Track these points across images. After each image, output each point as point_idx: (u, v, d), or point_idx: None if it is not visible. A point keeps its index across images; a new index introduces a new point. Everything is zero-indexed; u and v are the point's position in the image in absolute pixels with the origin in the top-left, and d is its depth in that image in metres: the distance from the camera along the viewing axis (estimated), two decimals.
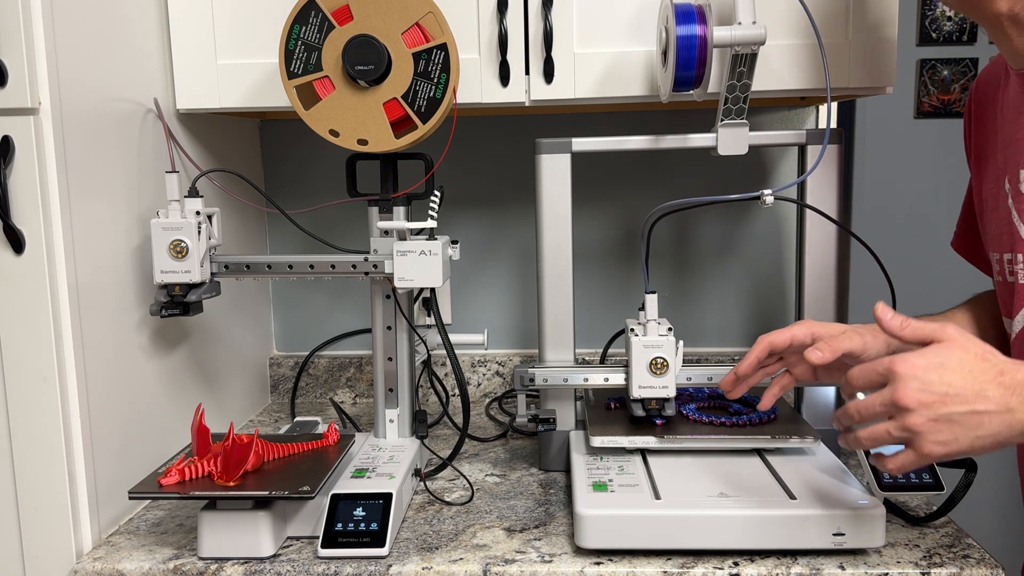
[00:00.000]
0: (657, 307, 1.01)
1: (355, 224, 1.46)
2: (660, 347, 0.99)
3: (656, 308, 1.01)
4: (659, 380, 0.99)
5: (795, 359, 0.92)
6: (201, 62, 1.10)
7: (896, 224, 2.37)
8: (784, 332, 0.88)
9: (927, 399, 0.68)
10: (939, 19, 2.06)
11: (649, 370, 0.99)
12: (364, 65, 0.94)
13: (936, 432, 0.68)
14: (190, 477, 0.90)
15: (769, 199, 0.99)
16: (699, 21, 0.92)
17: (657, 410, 1.01)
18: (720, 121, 1.00)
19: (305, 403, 1.48)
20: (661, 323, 1.01)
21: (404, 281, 1.02)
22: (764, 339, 0.88)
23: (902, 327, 0.73)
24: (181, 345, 1.15)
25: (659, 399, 1.00)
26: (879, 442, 0.72)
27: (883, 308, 0.75)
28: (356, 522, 0.90)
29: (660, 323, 1.01)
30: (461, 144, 1.44)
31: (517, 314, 1.49)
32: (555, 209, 1.06)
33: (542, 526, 0.95)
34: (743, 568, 0.84)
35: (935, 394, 0.68)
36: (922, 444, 0.69)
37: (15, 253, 0.87)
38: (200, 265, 1.01)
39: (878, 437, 0.72)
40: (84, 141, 0.93)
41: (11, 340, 0.89)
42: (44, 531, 0.91)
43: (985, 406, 0.67)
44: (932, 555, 0.87)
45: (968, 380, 0.68)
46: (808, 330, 0.87)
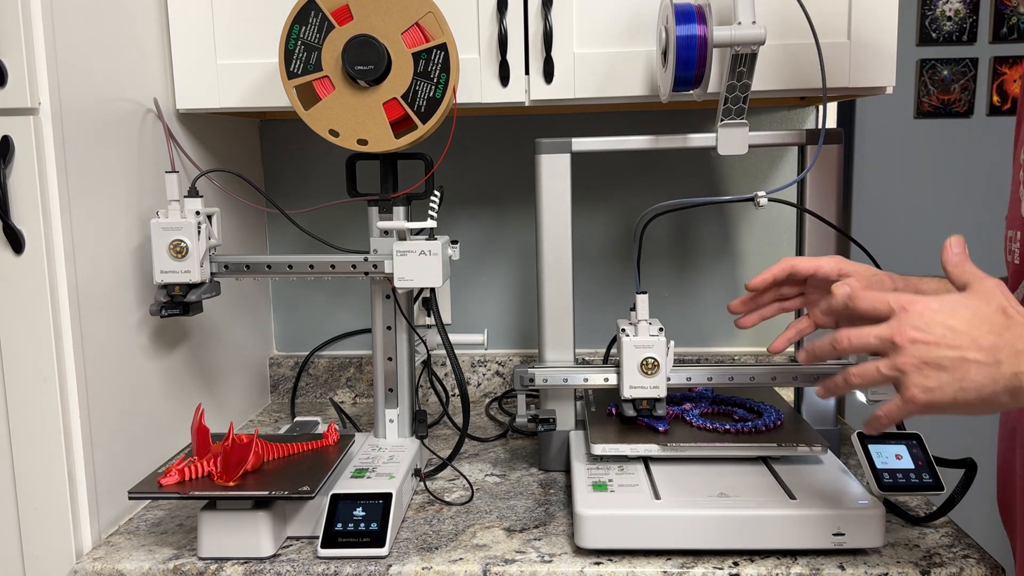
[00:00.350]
0: (648, 307, 1.01)
1: (355, 224, 1.46)
2: (651, 347, 0.99)
3: (647, 308, 1.01)
4: (650, 380, 0.99)
5: (816, 296, 0.85)
6: (201, 62, 1.10)
7: (896, 224, 2.36)
8: (810, 260, 0.82)
9: (921, 338, 0.65)
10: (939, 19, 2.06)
11: (640, 370, 0.99)
12: (364, 65, 0.94)
13: (922, 376, 0.65)
14: (190, 477, 0.90)
15: (763, 200, 0.99)
16: (699, 21, 0.92)
17: (648, 410, 1.01)
18: (720, 121, 1.00)
19: (305, 403, 1.48)
20: (652, 323, 1.01)
21: (404, 281, 1.02)
22: (786, 260, 0.82)
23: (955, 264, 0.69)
24: (181, 345, 1.15)
25: (650, 399, 1.00)
26: (867, 380, 0.68)
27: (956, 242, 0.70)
28: (356, 522, 0.90)
29: (651, 323, 1.01)
30: (461, 144, 1.44)
31: (517, 314, 1.49)
32: (555, 209, 1.06)
33: (542, 526, 0.95)
34: (743, 568, 0.84)
35: (931, 335, 0.64)
36: (907, 386, 0.66)
37: (15, 253, 0.87)
38: (200, 265, 1.01)
39: (867, 374, 0.68)
40: (84, 141, 0.93)
41: (11, 340, 0.89)
42: (44, 531, 0.91)
43: (975, 355, 0.63)
44: (932, 555, 0.87)
45: (969, 327, 0.64)
46: (836, 265, 0.81)
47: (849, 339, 0.68)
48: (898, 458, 0.93)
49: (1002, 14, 2.03)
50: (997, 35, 2.05)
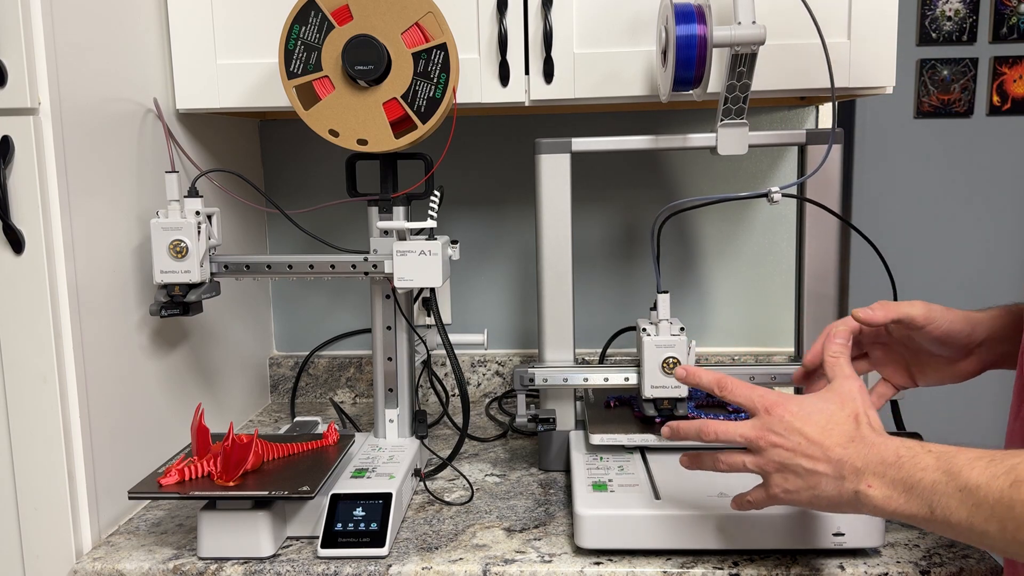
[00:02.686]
0: (669, 307, 1.01)
1: (355, 224, 1.46)
2: (672, 347, 0.99)
3: (668, 307, 1.01)
4: (671, 380, 0.99)
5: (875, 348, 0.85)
6: (201, 62, 1.10)
7: (896, 224, 2.36)
8: None
9: (780, 443, 0.69)
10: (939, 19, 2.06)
11: (661, 370, 0.99)
12: (364, 65, 0.94)
13: (782, 478, 0.70)
14: (190, 477, 0.90)
15: (777, 196, 0.99)
16: (699, 21, 0.92)
17: (669, 410, 1.01)
18: (720, 121, 1.00)
19: (305, 403, 1.48)
20: (673, 323, 1.01)
21: (404, 281, 1.02)
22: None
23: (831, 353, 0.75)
24: (181, 345, 1.15)
25: (671, 399, 1.00)
26: (734, 468, 0.73)
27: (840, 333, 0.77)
28: (356, 522, 0.90)
29: (672, 323, 1.01)
30: (461, 144, 1.44)
31: (517, 314, 1.49)
32: (555, 209, 1.06)
33: (542, 526, 0.95)
34: (743, 568, 0.84)
35: (788, 442, 0.69)
36: (769, 484, 0.71)
37: (15, 253, 0.87)
38: (200, 265, 1.01)
39: (734, 464, 0.73)
40: (84, 141, 0.93)
41: (11, 340, 0.89)
42: (44, 531, 0.91)
43: (824, 467, 0.68)
44: (932, 555, 0.87)
45: (822, 436, 0.68)
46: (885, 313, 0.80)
47: (716, 433, 0.73)
48: None
49: (1002, 14, 2.03)
50: (997, 35, 2.05)
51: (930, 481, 0.62)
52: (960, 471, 0.60)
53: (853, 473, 0.66)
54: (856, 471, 0.66)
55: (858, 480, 0.66)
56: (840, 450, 0.67)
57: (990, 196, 2.34)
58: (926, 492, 0.62)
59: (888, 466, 0.64)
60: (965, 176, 2.31)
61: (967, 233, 2.01)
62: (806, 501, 0.69)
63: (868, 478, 0.65)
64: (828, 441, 0.68)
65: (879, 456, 0.65)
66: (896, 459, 0.64)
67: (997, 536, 0.58)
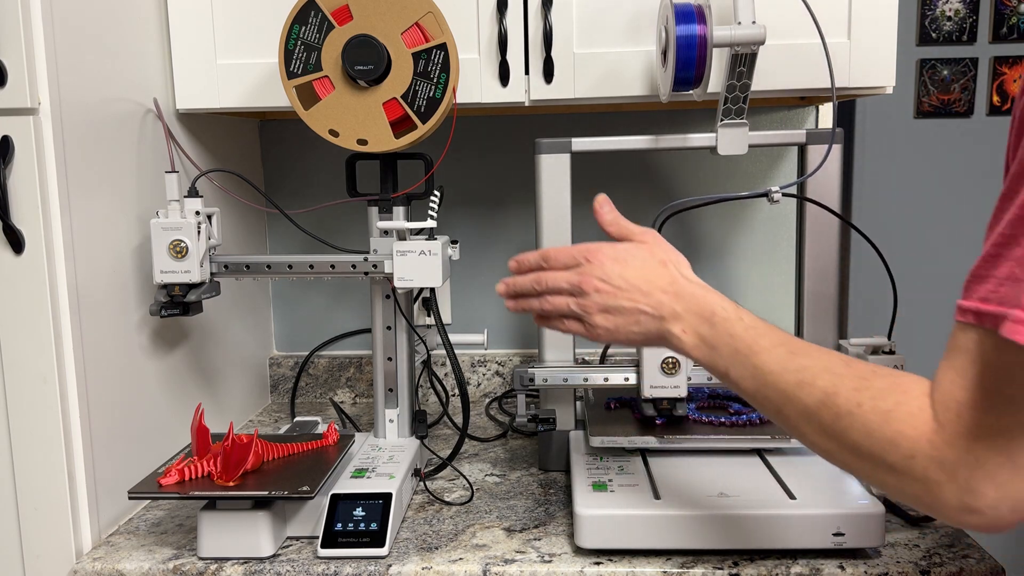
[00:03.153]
0: None
1: (355, 224, 1.46)
2: None
3: None
4: (671, 380, 0.99)
5: None
6: (200, 62, 1.10)
7: (896, 223, 2.36)
8: None
9: (602, 288, 0.74)
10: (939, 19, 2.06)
11: (661, 370, 0.99)
12: (364, 65, 0.94)
13: (603, 318, 0.74)
14: (190, 477, 0.90)
15: (777, 196, 0.99)
16: (699, 21, 0.92)
17: (668, 410, 1.01)
18: (720, 121, 1.00)
19: (305, 403, 1.48)
20: None
21: (404, 281, 1.02)
22: None
23: (610, 223, 0.79)
24: (181, 345, 1.15)
25: (670, 399, 1.00)
26: (557, 309, 0.77)
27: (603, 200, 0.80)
28: (356, 522, 0.90)
29: None
30: (461, 144, 1.44)
31: (517, 314, 1.49)
32: (555, 209, 1.06)
33: (542, 526, 0.95)
34: (743, 568, 0.84)
35: (611, 286, 0.74)
36: (591, 325, 0.75)
37: (15, 253, 0.87)
38: (200, 265, 1.01)
39: (558, 305, 0.77)
40: (84, 141, 0.93)
41: (11, 340, 0.89)
42: (44, 531, 0.91)
43: (645, 306, 0.73)
44: (932, 555, 0.87)
45: (641, 280, 0.74)
46: None
47: (546, 281, 0.77)
48: None
49: (1002, 14, 2.03)
50: (997, 35, 2.05)
51: (732, 349, 0.69)
52: (760, 352, 0.67)
53: (672, 316, 0.72)
54: (675, 315, 0.72)
55: (674, 323, 0.72)
56: (660, 294, 0.73)
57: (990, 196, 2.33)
58: (726, 356, 0.69)
59: (703, 320, 0.71)
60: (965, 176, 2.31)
61: (967, 233, 2.01)
62: (623, 338, 0.75)
63: (683, 324, 0.72)
64: (648, 285, 0.73)
65: (697, 308, 0.72)
66: (711, 316, 0.71)
67: (774, 415, 0.67)
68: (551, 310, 0.77)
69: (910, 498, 0.59)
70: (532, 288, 0.78)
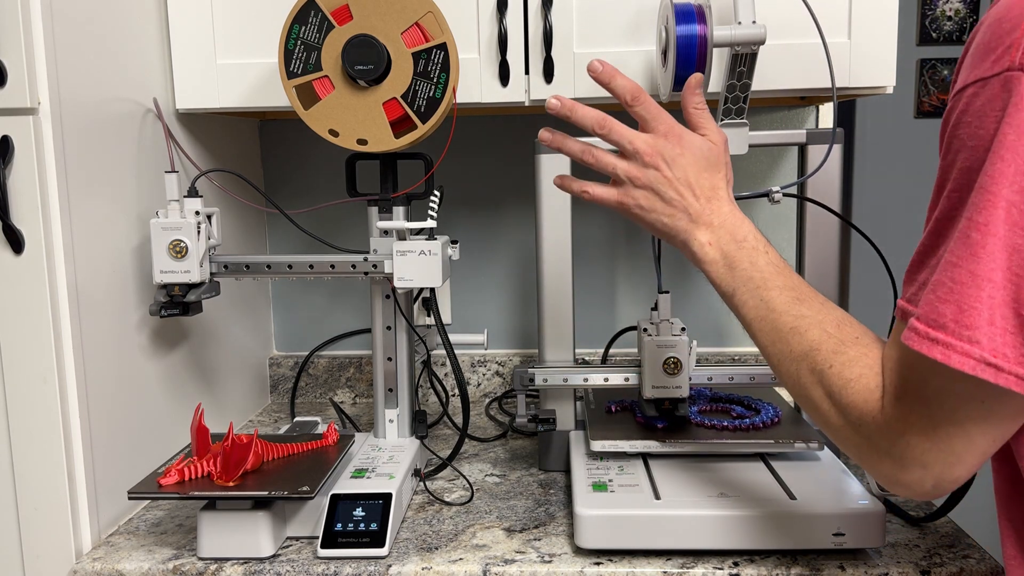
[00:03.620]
0: (670, 306, 1.01)
1: (355, 224, 1.46)
2: (674, 347, 0.99)
3: (669, 307, 1.00)
4: (672, 380, 0.99)
5: None
6: (200, 62, 1.10)
7: (895, 223, 2.36)
8: None
9: (663, 168, 0.73)
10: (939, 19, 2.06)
11: (663, 370, 0.99)
12: (364, 65, 0.94)
13: (643, 196, 0.74)
14: (189, 477, 0.90)
15: (778, 196, 0.99)
16: (699, 21, 0.92)
17: (670, 410, 1.01)
18: (720, 121, 1.00)
19: (305, 403, 1.48)
20: (674, 323, 1.01)
21: (404, 281, 1.02)
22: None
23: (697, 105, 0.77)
24: (181, 345, 1.15)
25: (672, 399, 1.00)
26: (600, 163, 0.75)
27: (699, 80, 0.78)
28: (356, 522, 0.90)
29: (673, 323, 1.01)
30: (461, 144, 1.44)
31: (517, 314, 1.49)
32: (555, 209, 1.06)
33: (542, 526, 0.95)
34: (743, 568, 0.84)
35: (671, 171, 0.73)
36: (631, 196, 0.74)
37: (14, 253, 0.87)
38: (199, 265, 1.01)
39: (603, 159, 0.75)
40: (84, 141, 0.93)
41: (11, 340, 0.88)
42: (44, 531, 0.91)
43: (690, 206, 0.73)
44: (932, 555, 0.87)
45: (697, 180, 0.73)
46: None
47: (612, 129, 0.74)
48: None
49: None
50: None
51: (748, 277, 0.71)
52: (771, 288, 0.71)
53: (706, 226, 0.73)
54: (709, 226, 0.73)
55: (705, 232, 0.73)
56: (707, 202, 0.73)
57: None
58: (741, 280, 0.72)
59: (732, 241, 0.73)
60: None
61: None
62: (650, 222, 0.75)
63: (713, 237, 0.73)
64: (700, 189, 0.73)
65: (732, 228, 0.73)
66: (742, 240, 0.73)
67: (760, 342, 0.71)
68: (593, 163, 0.75)
69: (854, 452, 0.65)
70: (593, 127, 0.75)
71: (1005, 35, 0.52)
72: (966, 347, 0.53)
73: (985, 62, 0.53)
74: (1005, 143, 0.52)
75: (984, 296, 0.53)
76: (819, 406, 0.66)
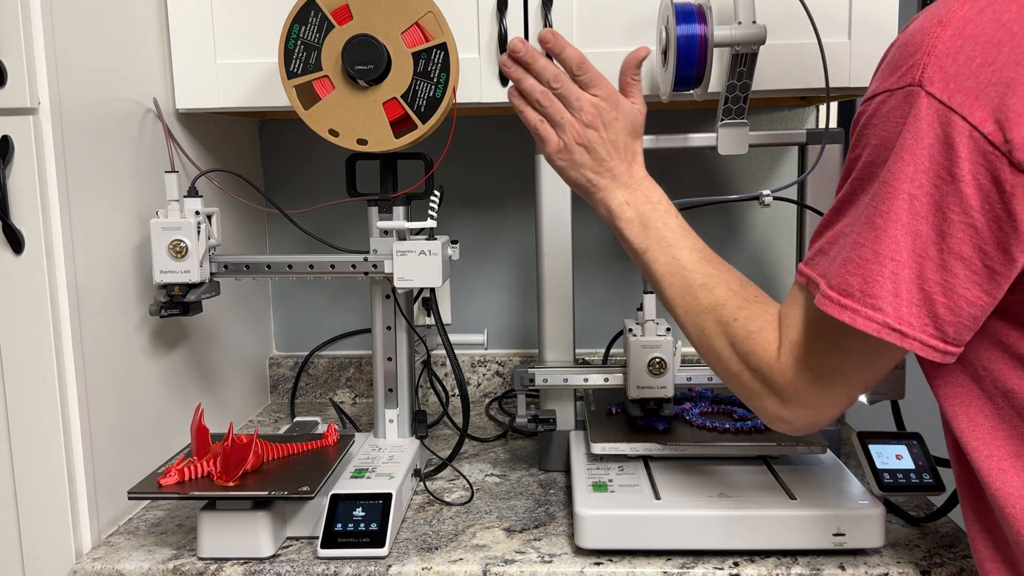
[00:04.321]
0: (656, 307, 1.01)
1: (355, 224, 1.46)
2: (658, 347, 0.99)
3: (655, 308, 1.01)
4: (657, 380, 0.99)
5: None
6: (200, 62, 1.10)
7: None
8: None
9: (600, 129, 0.79)
10: None
11: (647, 370, 0.99)
12: (364, 65, 0.94)
13: (579, 149, 0.80)
14: (189, 477, 0.90)
15: (768, 199, 0.99)
16: (699, 20, 0.92)
17: (655, 410, 1.01)
18: (720, 121, 1.00)
19: (305, 403, 1.48)
20: (659, 323, 1.01)
21: (404, 281, 1.02)
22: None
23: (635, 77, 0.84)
24: (181, 345, 1.15)
25: (657, 399, 1.00)
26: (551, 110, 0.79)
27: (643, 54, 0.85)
28: (356, 522, 0.90)
29: (658, 323, 1.01)
30: (461, 144, 1.44)
31: (517, 314, 1.49)
32: (555, 209, 1.06)
33: (542, 526, 0.95)
34: (743, 568, 0.84)
35: (608, 132, 0.79)
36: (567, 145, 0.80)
37: (14, 253, 0.87)
38: (199, 265, 1.01)
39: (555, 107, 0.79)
40: (84, 141, 0.93)
41: (10, 340, 0.88)
42: (43, 531, 0.91)
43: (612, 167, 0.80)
44: (932, 555, 0.87)
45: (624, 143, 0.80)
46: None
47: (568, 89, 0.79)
48: (898, 458, 0.93)
49: None
50: None
51: (662, 236, 0.78)
52: (682, 248, 0.78)
53: (625, 187, 0.80)
54: (628, 187, 0.80)
55: (623, 192, 0.80)
56: (626, 165, 0.80)
57: None
58: (654, 239, 0.78)
59: (648, 202, 0.80)
60: None
61: None
62: (573, 174, 0.80)
63: (631, 197, 0.80)
64: (626, 151, 0.81)
65: (647, 190, 0.80)
66: (656, 203, 0.80)
67: (669, 299, 0.78)
68: (548, 107, 0.79)
69: (744, 392, 0.74)
70: (549, 82, 0.79)
71: (910, 56, 0.60)
72: (870, 312, 0.62)
73: (893, 76, 0.62)
74: (905, 146, 0.60)
75: (887, 272, 0.61)
76: (720, 353, 0.75)
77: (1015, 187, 0.57)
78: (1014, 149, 0.56)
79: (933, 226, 0.60)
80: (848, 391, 0.70)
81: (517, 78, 0.81)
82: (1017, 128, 0.56)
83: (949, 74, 0.58)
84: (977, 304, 0.61)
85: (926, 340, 0.62)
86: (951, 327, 0.61)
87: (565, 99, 0.80)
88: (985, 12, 0.58)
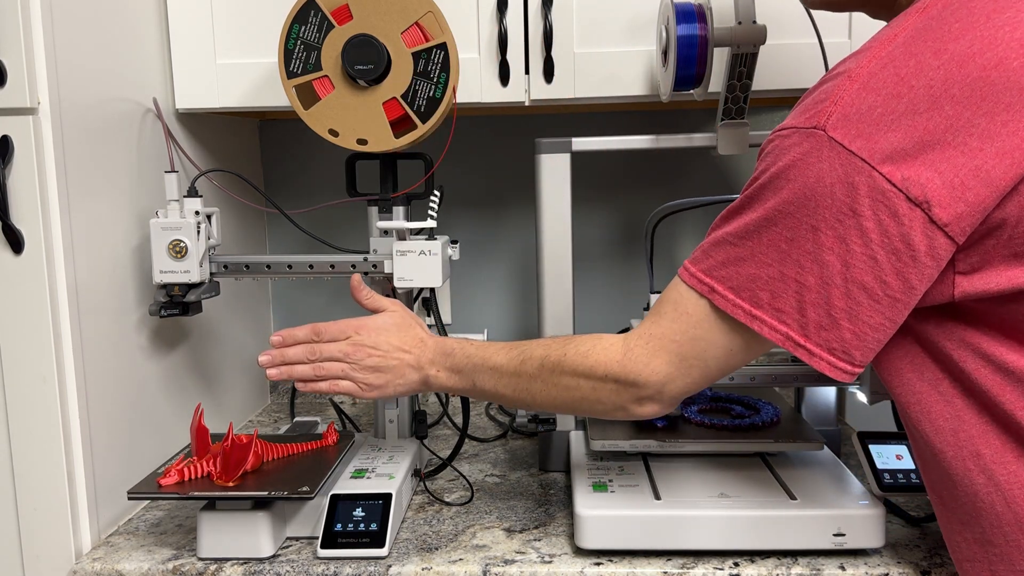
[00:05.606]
0: None
1: (355, 224, 1.46)
2: None
3: None
4: None
5: None
6: (200, 62, 1.10)
7: None
8: None
9: (373, 353, 0.89)
10: None
11: None
12: (364, 65, 0.94)
13: (375, 377, 0.89)
14: (189, 477, 0.90)
15: None
16: (700, 20, 0.92)
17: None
18: (720, 121, 1.00)
19: (304, 403, 1.48)
20: None
21: (404, 281, 1.02)
22: None
23: (366, 298, 0.96)
24: (180, 345, 1.15)
25: None
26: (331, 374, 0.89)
27: (358, 280, 0.96)
28: (356, 522, 0.90)
29: None
30: (461, 144, 1.44)
31: (517, 314, 1.49)
32: (555, 209, 1.06)
33: (542, 526, 0.95)
34: (743, 568, 0.84)
35: (380, 351, 0.89)
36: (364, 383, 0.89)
37: (14, 253, 0.87)
38: (199, 265, 1.01)
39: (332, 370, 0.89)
40: (83, 141, 0.93)
41: (10, 340, 0.88)
42: (43, 531, 0.91)
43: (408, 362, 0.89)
44: (932, 555, 0.87)
45: (400, 343, 0.90)
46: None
47: (321, 351, 0.90)
48: (898, 458, 0.93)
49: None
50: None
51: (472, 365, 0.86)
52: (490, 357, 0.85)
53: (429, 363, 0.89)
54: (430, 362, 0.89)
55: (430, 367, 0.88)
56: (416, 351, 0.90)
57: None
58: (469, 372, 0.86)
59: (446, 356, 0.88)
60: None
61: None
62: (391, 391, 0.90)
63: (436, 366, 0.88)
64: (407, 346, 0.90)
65: (440, 349, 0.89)
66: (451, 351, 0.88)
67: (511, 396, 0.85)
68: (325, 375, 0.89)
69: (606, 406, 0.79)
70: (304, 358, 0.90)
71: (820, 103, 0.67)
72: (775, 324, 0.69)
73: (803, 116, 0.68)
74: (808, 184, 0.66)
75: (792, 291, 0.68)
76: (574, 392, 0.80)
77: (912, 220, 0.63)
78: (910, 186, 0.62)
79: (838, 256, 0.66)
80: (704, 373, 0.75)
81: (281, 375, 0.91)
82: (911, 167, 0.62)
83: (851, 122, 0.64)
84: (881, 329, 0.67)
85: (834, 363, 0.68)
86: (858, 351, 0.68)
87: (330, 357, 0.89)
88: (887, 67, 0.65)
